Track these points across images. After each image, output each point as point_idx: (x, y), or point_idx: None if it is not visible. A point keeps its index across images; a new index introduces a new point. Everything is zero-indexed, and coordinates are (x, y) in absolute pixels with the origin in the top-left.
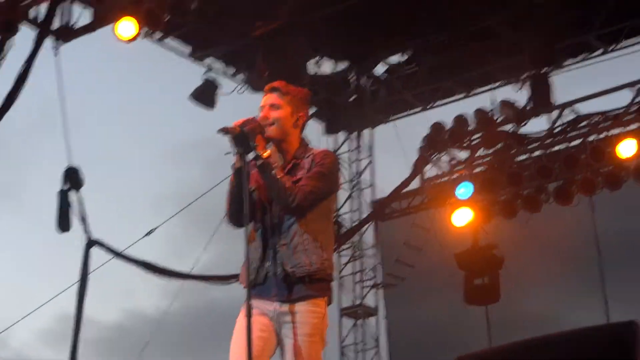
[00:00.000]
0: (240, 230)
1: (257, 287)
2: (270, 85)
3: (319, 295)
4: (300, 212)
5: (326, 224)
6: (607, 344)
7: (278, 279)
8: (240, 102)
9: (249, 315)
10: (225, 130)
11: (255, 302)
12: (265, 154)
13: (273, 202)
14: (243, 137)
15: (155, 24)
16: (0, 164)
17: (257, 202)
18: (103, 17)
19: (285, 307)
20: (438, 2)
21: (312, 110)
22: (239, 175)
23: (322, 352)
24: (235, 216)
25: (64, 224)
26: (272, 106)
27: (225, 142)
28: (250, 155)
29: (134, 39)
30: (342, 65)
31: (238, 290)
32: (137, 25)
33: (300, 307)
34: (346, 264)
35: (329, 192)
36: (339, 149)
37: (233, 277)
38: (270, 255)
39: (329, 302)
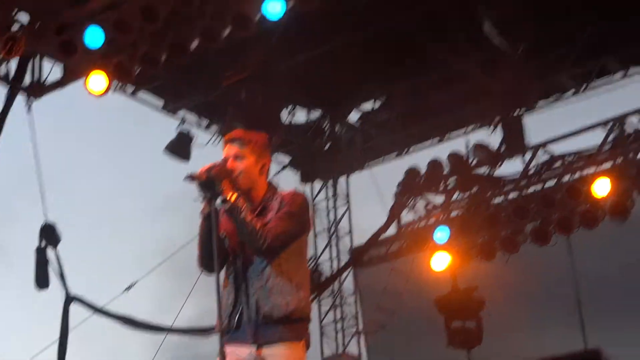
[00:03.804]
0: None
1: (231, 332)
2: (230, 136)
3: (295, 337)
4: (273, 254)
5: (300, 263)
6: None
7: (253, 323)
8: (217, 153)
9: None
10: (191, 177)
11: (231, 348)
12: (233, 198)
13: (245, 246)
14: (209, 182)
15: (126, 77)
16: None
17: (229, 248)
18: (73, 72)
19: (260, 351)
20: (408, 48)
21: (286, 160)
22: (208, 220)
23: None
24: (206, 262)
25: (42, 280)
26: (236, 157)
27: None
28: (219, 200)
29: (105, 93)
30: (316, 114)
31: None
32: (107, 79)
33: (277, 350)
34: (327, 312)
35: (300, 232)
36: (315, 197)
37: (211, 330)
38: (244, 299)
39: (307, 346)
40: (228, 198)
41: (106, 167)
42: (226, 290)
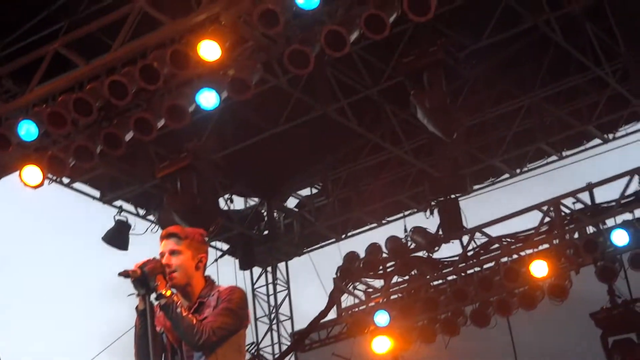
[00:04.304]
0: None
1: None
2: (166, 231)
3: None
4: (209, 349)
5: (238, 358)
6: None
7: None
8: (155, 241)
9: None
10: (125, 274)
11: None
12: (168, 293)
13: (182, 343)
14: (144, 278)
15: (60, 170)
16: None
17: (167, 344)
18: (7, 165)
19: None
20: (343, 135)
21: (225, 247)
22: (144, 317)
23: None
24: (143, 358)
25: None
26: (172, 253)
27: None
28: (154, 296)
29: (40, 185)
30: (254, 201)
31: None
32: (42, 172)
33: None
34: None
35: (237, 327)
36: (255, 283)
37: None
38: None
39: None
40: (163, 294)
41: (46, 254)
42: None
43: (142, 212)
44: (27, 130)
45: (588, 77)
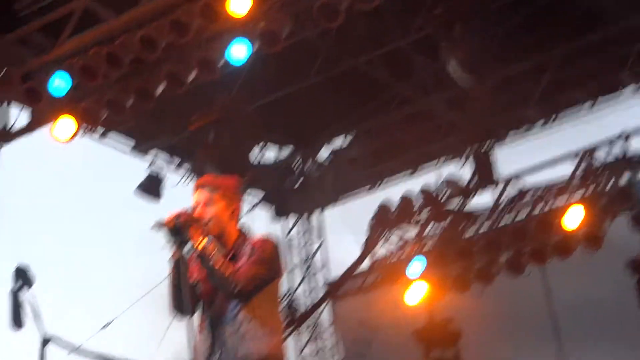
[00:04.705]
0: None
1: None
2: (200, 182)
3: None
4: (244, 299)
5: (273, 308)
6: None
7: None
8: (188, 193)
9: None
10: (159, 225)
11: None
12: (201, 245)
13: (218, 292)
14: (178, 229)
15: (93, 121)
16: None
17: (202, 294)
18: (40, 117)
19: None
20: (374, 86)
21: (259, 196)
22: (178, 267)
23: None
24: (178, 308)
25: (16, 322)
26: (206, 203)
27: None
28: (188, 247)
29: (74, 137)
30: (287, 151)
31: None
32: (75, 123)
33: None
34: (305, 345)
35: (271, 277)
36: (289, 233)
37: None
38: (220, 344)
39: None
40: (197, 244)
41: (81, 207)
42: (202, 335)
43: (175, 162)
44: (59, 83)
45: (622, 26)
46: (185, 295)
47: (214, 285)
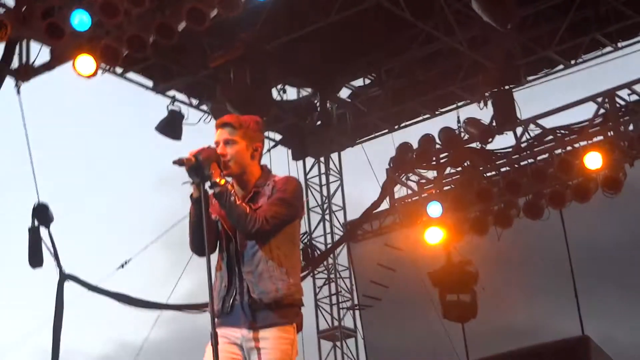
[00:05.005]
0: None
1: (224, 315)
2: (221, 121)
3: (287, 322)
4: (262, 238)
5: (291, 249)
6: (564, 356)
7: (245, 307)
8: (209, 130)
9: (215, 344)
10: (180, 162)
11: (224, 331)
12: (222, 182)
13: (237, 231)
14: (198, 166)
15: (114, 59)
16: None
17: (222, 231)
18: (61, 55)
19: (253, 334)
20: (397, 25)
21: (277, 137)
22: (198, 204)
23: None
24: (197, 246)
25: (35, 260)
26: (227, 142)
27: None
28: (208, 184)
29: (94, 75)
30: (306, 91)
31: None
32: (95, 61)
33: (268, 333)
34: (322, 286)
35: (291, 218)
36: (307, 173)
37: (205, 306)
38: (236, 283)
39: (299, 329)
40: (217, 182)
41: (100, 146)
42: (219, 273)
43: (195, 101)
44: (80, 19)
45: None
46: (204, 234)
47: (232, 224)
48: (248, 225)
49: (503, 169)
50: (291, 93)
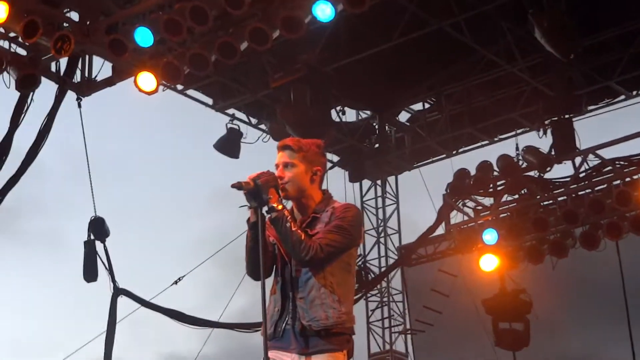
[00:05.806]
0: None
1: (275, 339)
2: (282, 143)
3: (337, 349)
4: (315, 266)
5: (346, 277)
6: None
7: (296, 332)
8: (267, 150)
9: None
10: (239, 185)
11: (275, 354)
12: (279, 207)
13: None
14: (257, 190)
15: (175, 77)
16: (40, 214)
17: (278, 255)
18: (123, 71)
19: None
20: (459, 50)
21: (335, 159)
22: (255, 229)
23: None
24: (253, 270)
25: (90, 274)
26: (286, 165)
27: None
28: (265, 209)
29: (155, 91)
30: (366, 114)
31: None
32: (156, 78)
33: (319, 359)
34: (374, 309)
35: (347, 246)
36: (364, 195)
37: (256, 326)
38: (289, 308)
39: (350, 355)
40: (275, 207)
41: (157, 162)
42: (273, 297)
43: (254, 121)
44: (143, 36)
45: None
46: (260, 259)
47: (286, 250)
48: (302, 253)
49: (560, 198)
50: (350, 115)
